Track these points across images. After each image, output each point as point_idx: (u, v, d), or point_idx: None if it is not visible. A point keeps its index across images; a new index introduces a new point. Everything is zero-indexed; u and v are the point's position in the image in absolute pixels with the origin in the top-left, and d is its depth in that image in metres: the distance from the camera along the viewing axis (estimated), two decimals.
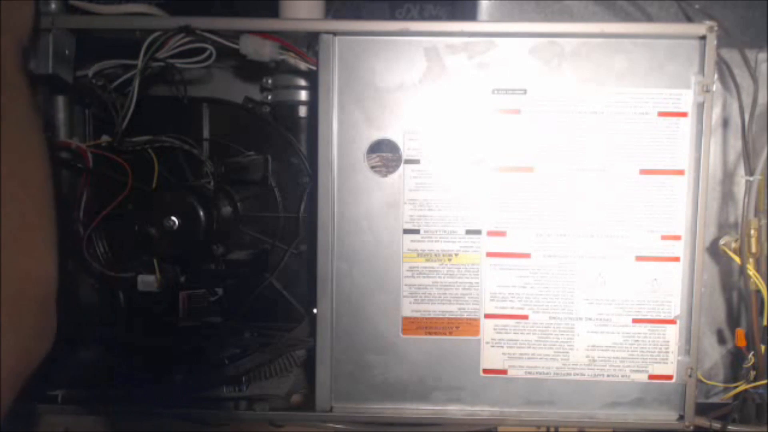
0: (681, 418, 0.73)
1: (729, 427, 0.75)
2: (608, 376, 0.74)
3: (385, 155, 0.72)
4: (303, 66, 0.73)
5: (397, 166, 0.72)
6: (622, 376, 0.73)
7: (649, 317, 0.73)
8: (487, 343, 0.74)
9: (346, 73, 0.71)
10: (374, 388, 0.74)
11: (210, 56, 0.71)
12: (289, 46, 0.72)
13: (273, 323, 0.84)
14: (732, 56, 0.77)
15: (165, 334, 0.81)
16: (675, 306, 0.72)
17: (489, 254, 0.73)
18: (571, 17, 0.84)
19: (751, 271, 0.73)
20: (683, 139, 0.70)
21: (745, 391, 0.75)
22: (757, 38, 0.80)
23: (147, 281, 0.76)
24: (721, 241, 0.78)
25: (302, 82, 0.83)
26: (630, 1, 0.84)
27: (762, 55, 0.78)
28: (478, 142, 0.72)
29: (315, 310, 0.73)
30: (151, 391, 0.79)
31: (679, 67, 0.70)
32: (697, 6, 0.79)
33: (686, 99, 0.70)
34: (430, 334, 0.74)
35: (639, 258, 0.72)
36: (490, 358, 0.74)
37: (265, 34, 0.71)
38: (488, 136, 0.71)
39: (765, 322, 0.74)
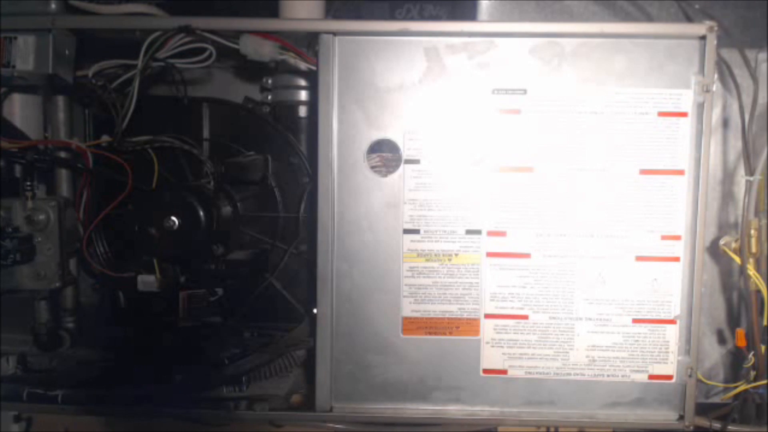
0: (681, 418, 0.73)
1: (729, 427, 0.75)
2: (608, 376, 0.74)
3: (385, 155, 0.72)
4: (303, 66, 0.73)
5: (397, 166, 0.72)
6: (622, 376, 0.73)
7: (649, 317, 0.72)
8: (487, 343, 0.74)
9: (346, 73, 0.71)
10: (374, 388, 0.74)
11: (210, 56, 0.71)
12: (289, 46, 0.72)
13: (273, 323, 0.84)
14: (732, 56, 0.77)
15: (165, 334, 0.82)
16: (675, 306, 0.72)
17: (489, 254, 0.73)
18: (571, 17, 0.84)
19: (751, 271, 0.73)
20: (683, 139, 0.70)
21: (745, 391, 0.75)
22: (757, 38, 0.80)
23: (147, 281, 0.76)
24: (721, 241, 0.78)
25: (302, 82, 0.83)
26: (630, 1, 0.84)
27: (762, 55, 0.78)
28: (478, 142, 0.72)
29: (315, 310, 0.73)
30: (151, 391, 0.79)
31: (679, 67, 0.70)
32: (697, 6, 0.79)
33: (686, 99, 0.70)
34: (430, 334, 0.74)
35: (639, 258, 0.72)
36: (490, 358, 0.74)
37: (265, 34, 0.71)
38: (488, 136, 0.71)
39: (765, 322, 0.74)
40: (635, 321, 0.73)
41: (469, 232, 0.72)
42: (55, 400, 0.79)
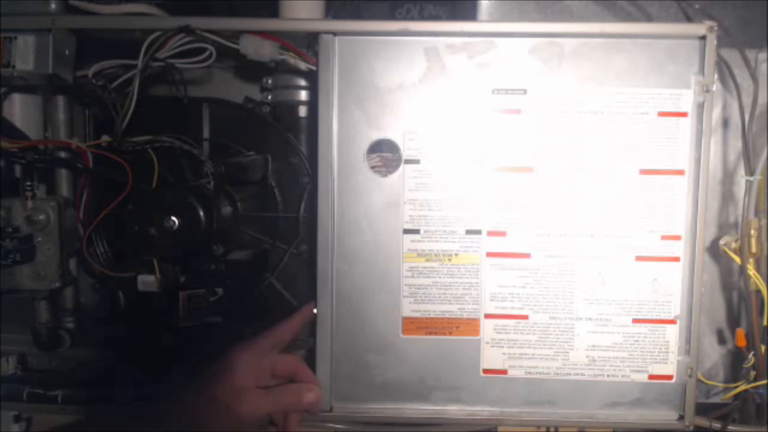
0: (681, 418, 0.73)
1: (729, 427, 0.75)
2: (608, 376, 0.74)
3: (385, 155, 0.72)
4: (303, 66, 0.73)
5: (397, 166, 0.72)
6: (622, 376, 0.73)
7: (649, 317, 0.73)
8: (487, 343, 0.74)
9: (346, 73, 0.71)
10: (374, 388, 0.74)
11: (210, 56, 0.71)
12: (289, 46, 0.72)
13: (273, 323, 0.84)
14: (732, 56, 0.77)
15: (165, 334, 0.81)
16: (675, 306, 0.72)
17: (489, 254, 0.73)
18: (571, 17, 0.84)
19: (751, 271, 0.73)
20: (683, 139, 0.70)
21: (745, 391, 0.75)
22: (757, 38, 0.80)
23: (147, 281, 0.76)
24: (721, 241, 0.78)
25: (302, 82, 0.83)
26: (630, 1, 0.84)
27: (762, 55, 0.78)
28: (478, 142, 0.72)
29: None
30: (151, 391, 0.79)
31: (679, 67, 0.70)
32: (697, 6, 0.79)
33: (686, 99, 0.70)
34: (430, 334, 0.74)
35: (639, 258, 0.72)
36: (490, 358, 0.74)
37: (265, 34, 0.71)
38: (488, 136, 0.71)
39: (765, 322, 0.74)
40: (635, 321, 0.73)
41: (469, 232, 0.72)
42: (55, 400, 0.79)
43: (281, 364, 0.71)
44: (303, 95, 0.84)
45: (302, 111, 0.84)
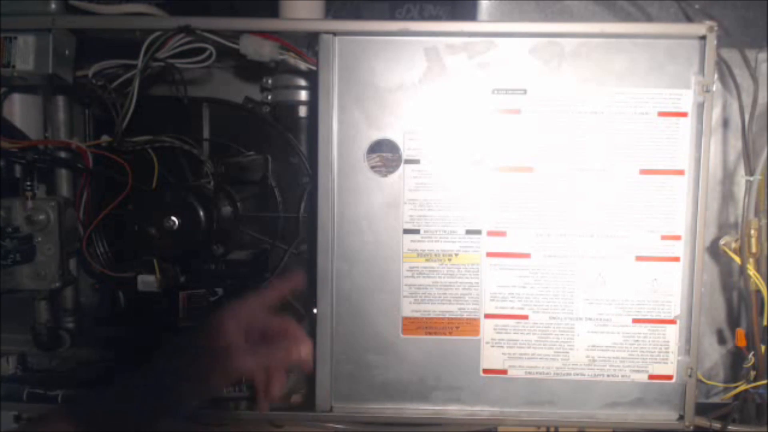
0: (681, 418, 0.73)
1: (729, 427, 0.75)
2: (608, 376, 0.74)
3: (385, 155, 0.72)
4: (303, 66, 0.73)
5: (397, 166, 0.72)
6: (622, 376, 0.73)
7: (649, 317, 0.73)
8: (487, 343, 0.74)
9: (346, 73, 0.71)
10: (374, 388, 0.74)
11: (210, 56, 0.71)
12: (289, 46, 0.72)
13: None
14: (732, 56, 0.77)
15: (165, 334, 0.81)
16: (675, 306, 0.72)
17: (489, 254, 0.73)
18: (571, 17, 0.84)
19: (751, 271, 0.73)
20: (683, 139, 0.70)
21: (745, 391, 0.75)
22: (757, 38, 0.80)
23: (147, 281, 0.76)
24: (721, 241, 0.78)
25: (302, 82, 0.83)
26: (630, 1, 0.84)
27: (762, 55, 0.78)
28: (478, 142, 0.72)
29: (315, 310, 0.73)
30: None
31: (679, 67, 0.70)
32: (697, 6, 0.79)
33: (686, 99, 0.70)
34: (430, 334, 0.74)
35: (639, 258, 0.72)
36: (490, 358, 0.74)
37: (265, 34, 0.71)
38: (488, 136, 0.71)
39: (765, 322, 0.74)
40: (635, 321, 0.73)
41: (469, 232, 0.72)
42: (55, 400, 0.79)
43: (273, 322, 0.67)
44: (303, 95, 0.84)
45: (302, 111, 0.84)
